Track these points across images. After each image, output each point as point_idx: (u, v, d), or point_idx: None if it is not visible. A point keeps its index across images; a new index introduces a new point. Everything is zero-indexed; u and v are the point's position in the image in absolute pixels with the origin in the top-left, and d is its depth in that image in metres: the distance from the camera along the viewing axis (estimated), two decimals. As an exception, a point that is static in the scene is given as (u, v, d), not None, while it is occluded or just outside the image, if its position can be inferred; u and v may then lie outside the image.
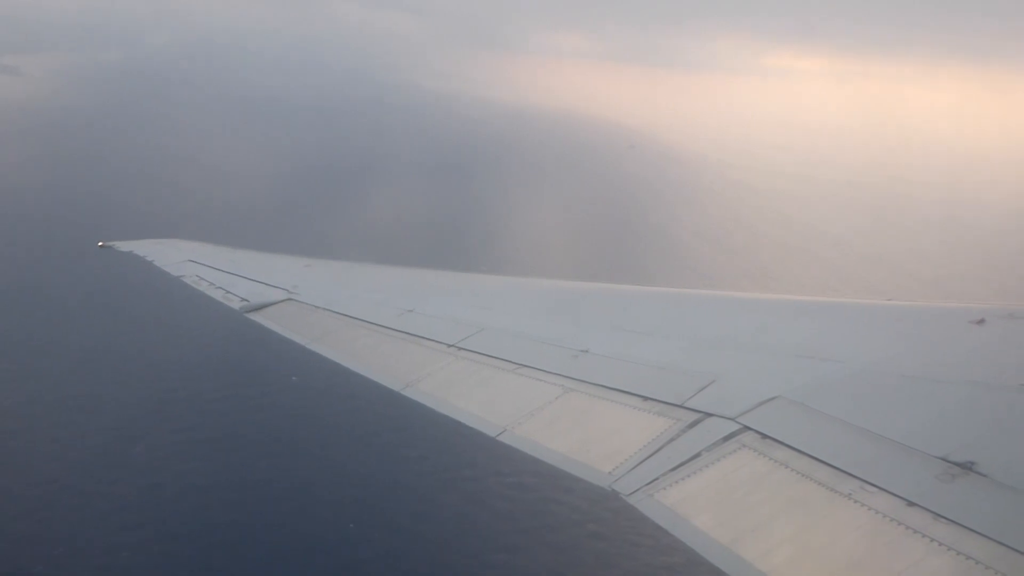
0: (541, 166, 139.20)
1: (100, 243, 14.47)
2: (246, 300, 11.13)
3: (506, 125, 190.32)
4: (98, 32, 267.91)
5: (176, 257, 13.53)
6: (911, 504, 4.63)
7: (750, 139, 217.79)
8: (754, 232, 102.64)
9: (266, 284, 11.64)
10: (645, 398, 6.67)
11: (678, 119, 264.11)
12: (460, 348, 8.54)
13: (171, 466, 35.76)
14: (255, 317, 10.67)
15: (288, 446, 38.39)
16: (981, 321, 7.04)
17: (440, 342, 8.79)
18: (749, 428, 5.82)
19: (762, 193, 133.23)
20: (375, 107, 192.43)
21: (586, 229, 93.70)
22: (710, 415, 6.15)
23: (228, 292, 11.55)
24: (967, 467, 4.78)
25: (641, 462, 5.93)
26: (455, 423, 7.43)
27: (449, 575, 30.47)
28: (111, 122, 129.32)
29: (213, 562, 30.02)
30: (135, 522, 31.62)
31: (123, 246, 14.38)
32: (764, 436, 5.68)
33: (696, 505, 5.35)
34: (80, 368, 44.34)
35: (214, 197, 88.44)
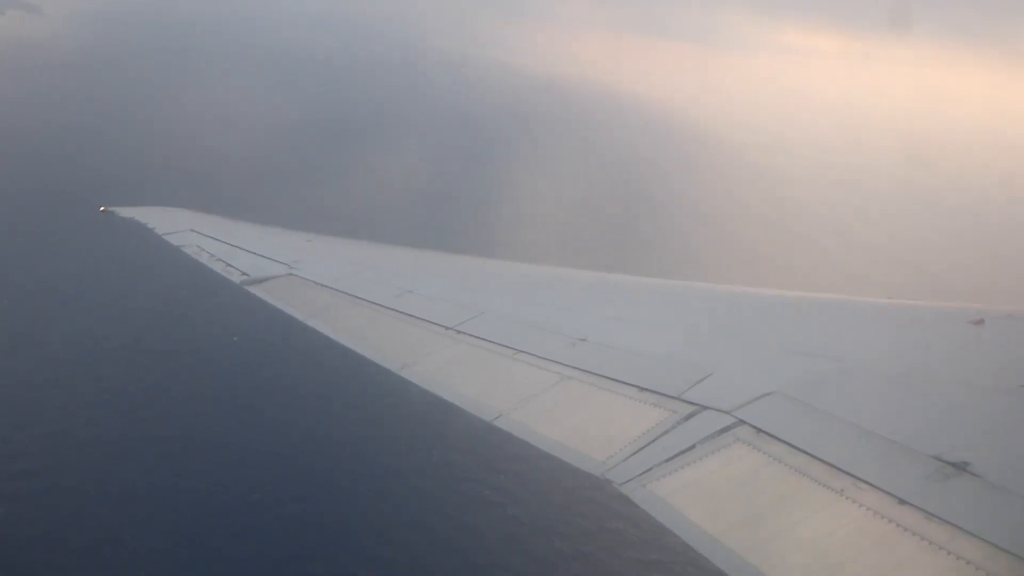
0: (552, 139, 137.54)
1: (102, 208, 14.40)
2: (246, 273, 11.11)
3: (516, 92, 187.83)
4: None
5: (178, 226, 13.48)
6: (903, 502, 4.63)
7: (766, 119, 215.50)
8: (766, 220, 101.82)
9: (267, 258, 11.63)
10: (641, 389, 6.68)
11: (694, 96, 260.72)
12: (458, 331, 8.54)
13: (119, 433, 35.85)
14: (254, 290, 10.67)
15: (265, 417, 38.81)
16: (980, 322, 7.03)
17: (439, 324, 8.78)
18: (744, 422, 5.83)
19: (778, 177, 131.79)
20: (383, 66, 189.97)
21: (593, 208, 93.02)
22: (706, 408, 6.15)
23: (228, 264, 11.53)
24: (961, 467, 4.78)
25: (635, 452, 5.95)
26: (448, 405, 7.44)
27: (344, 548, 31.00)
28: (125, 67, 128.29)
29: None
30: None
31: (125, 212, 14.32)
32: (759, 431, 5.69)
33: (688, 496, 5.38)
34: (65, 335, 44.55)
35: (217, 153, 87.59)
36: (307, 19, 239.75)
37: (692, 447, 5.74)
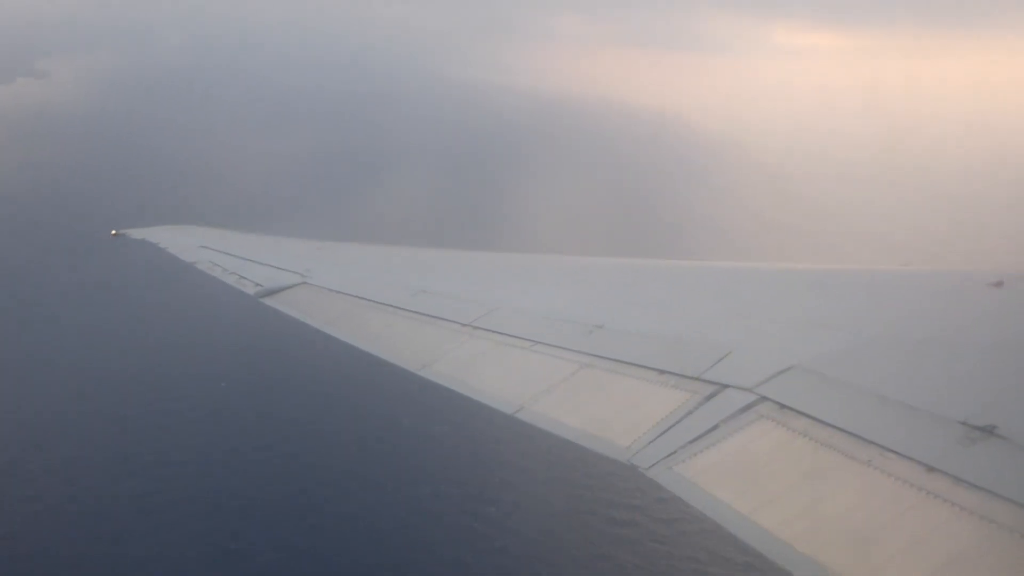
0: (565, 154, 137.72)
1: (113, 231, 14.50)
2: (260, 285, 11.12)
3: (522, 112, 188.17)
4: (118, 33, 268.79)
5: (189, 243, 13.54)
6: (932, 469, 4.59)
7: (766, 120, 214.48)
8: (771, 219, 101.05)
9: (279, 268, 11.64)
10: (661, 371, 6.63)
11: (699, 103, 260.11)
12: (475, 327, 8.52)
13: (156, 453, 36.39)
14: (269, 302, 10.68)
15: (296, 428, 39.51)
16: (999, 283, 6.93)
17: (455, 322, 8.77)
18: (767, 398, 5.79)
19: (788, 178, 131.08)
20: (390, 98, 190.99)
21: (607, 218, 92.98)
22: (727, 387, 6.11)
23: (242, 277, 11.56)
24: (988, 431, 4.73)
25: (659, 435, 5.92)
26: (470, 401, 7.42)
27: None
28: (131, 123, 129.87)
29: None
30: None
31: (136, 233, 14.42)
32: (782, 406, 5.65)
33: (715, 476, 5.35)
34: (88, 357, 45.01)
35: (234, 196, 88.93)
36: (316, 64, 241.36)
37: (716, 427, 5.71)
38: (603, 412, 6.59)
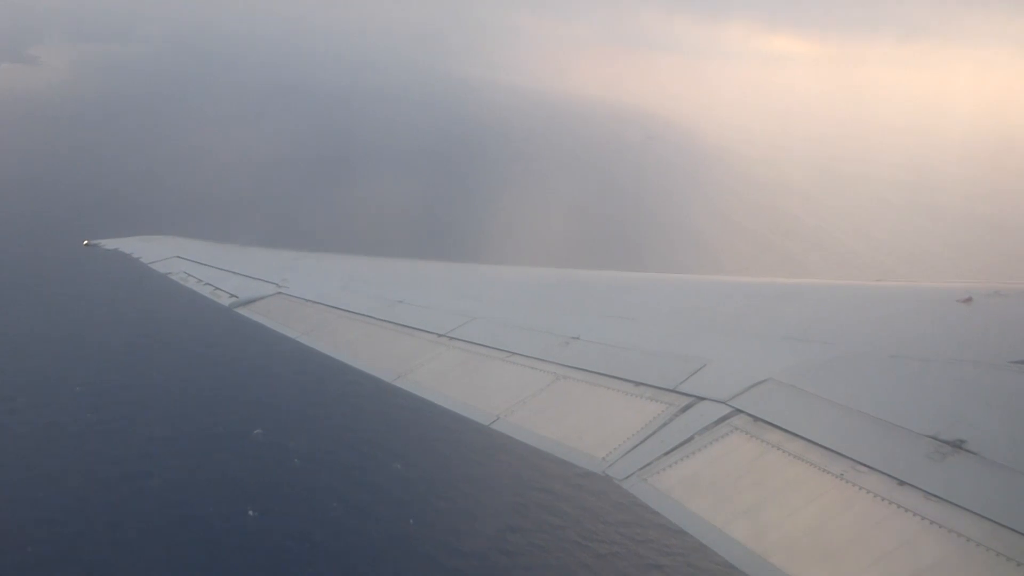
0: (557, 154, 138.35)
1: (85, 241, 14.24)
2: (235, 295, 11.02)
3: (514, 112, 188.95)
4: (113, 21, 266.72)
5: (163, 253, 13.33)
6: (902, 483, 4.64)
7: (763, 128, 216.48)
8: (751, 230, 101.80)
9: (254, 278, 11.53)
10: (637, 383, 6.66)
11: (689, 106, 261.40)
12: (451, 338, 8.51)
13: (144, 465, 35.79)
14: (244, 312, 10.58)
15: (271, 434, 39.06)
16: (968, 299, 7.05)
17: (431, 332, 8.75)
18: (741, 411, 5.83)
19: (777, 187, 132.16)
20: (377, 96, 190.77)
21: (597, 224, 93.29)
22: (702, 399, 6.15)
23: (216, 288, 11.44)
24: (957, 445, 4.80)
25: (634, 447, 5.94)
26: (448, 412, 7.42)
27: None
28: (118, 114, 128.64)
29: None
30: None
31: (109, 244, 14.16)
32: (756, 419, 5.69)
33: (689, 488, 5.37)
34: (57, 370, 44.24)
35: (217, 192, 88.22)
36: (312, 58, 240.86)
37: (690, 439, 5.74)
38: (579, 423, 6.59)
